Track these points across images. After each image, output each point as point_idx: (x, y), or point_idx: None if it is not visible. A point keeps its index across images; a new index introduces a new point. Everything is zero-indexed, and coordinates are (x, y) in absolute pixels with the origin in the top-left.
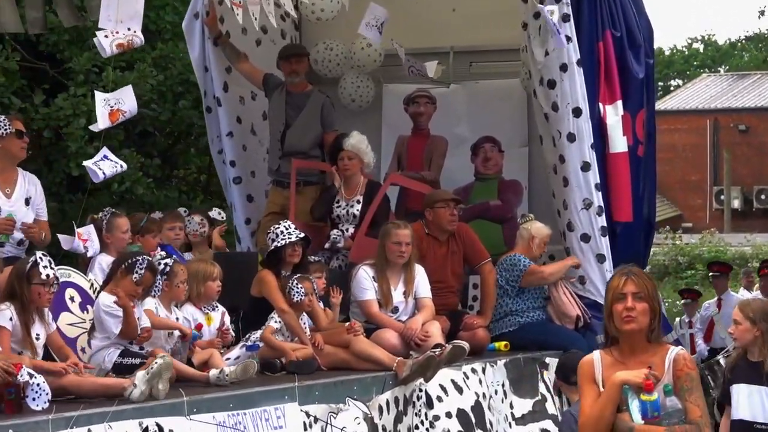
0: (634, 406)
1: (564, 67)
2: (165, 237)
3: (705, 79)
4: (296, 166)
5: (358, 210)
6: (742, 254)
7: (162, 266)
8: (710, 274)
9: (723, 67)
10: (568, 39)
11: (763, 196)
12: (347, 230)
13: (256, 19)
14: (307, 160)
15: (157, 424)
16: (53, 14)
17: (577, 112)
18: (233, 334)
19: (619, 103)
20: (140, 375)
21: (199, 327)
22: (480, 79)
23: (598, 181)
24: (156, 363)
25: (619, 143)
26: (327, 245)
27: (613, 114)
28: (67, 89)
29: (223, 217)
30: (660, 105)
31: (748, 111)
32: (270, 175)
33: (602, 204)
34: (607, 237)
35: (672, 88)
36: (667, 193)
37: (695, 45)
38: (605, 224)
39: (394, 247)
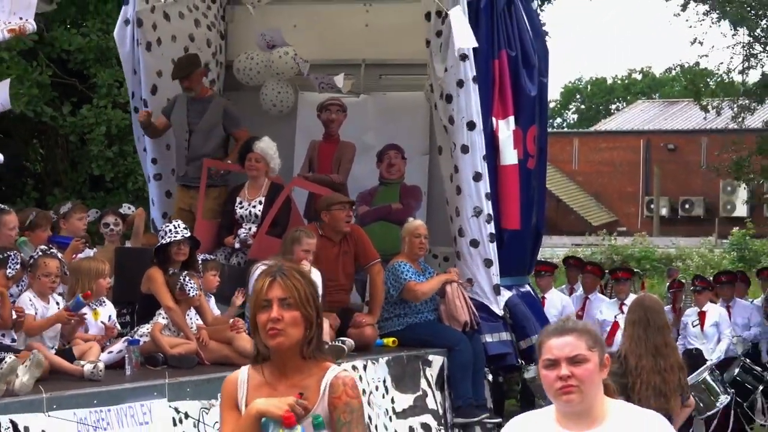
0: None
1: (461, 83)
2: (73, 227)
3: (640, 104)
4: (207, 165)
5: (259, 211)
6: (668, 255)
7: (29, 258)
8: (582, 274)
9: (657, 94)
10: (465, 57)
11: (687, 206)
12: (250, 229)
13: None
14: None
15: (12, 422)
16: (80, 36)
17: (471, 125)
18: (119, 329)
19: (511, 118)
20: None
21: (87, 295)
22: (388, 91)
23: (489, 190)
24: (5, 363)
25: (509, 156)
26: (237, 244)
27: (505, 128)
28: (91, 101)
29: (133, 211)
30: (601, 126)
31: (676, 133)
32: (177, 180)
33: (492, 212)
34: (495, 243)
35: (613, 112)
36: (605, 202)
37: (634, 75)
38: (494, 231)
39: (303, 254)
